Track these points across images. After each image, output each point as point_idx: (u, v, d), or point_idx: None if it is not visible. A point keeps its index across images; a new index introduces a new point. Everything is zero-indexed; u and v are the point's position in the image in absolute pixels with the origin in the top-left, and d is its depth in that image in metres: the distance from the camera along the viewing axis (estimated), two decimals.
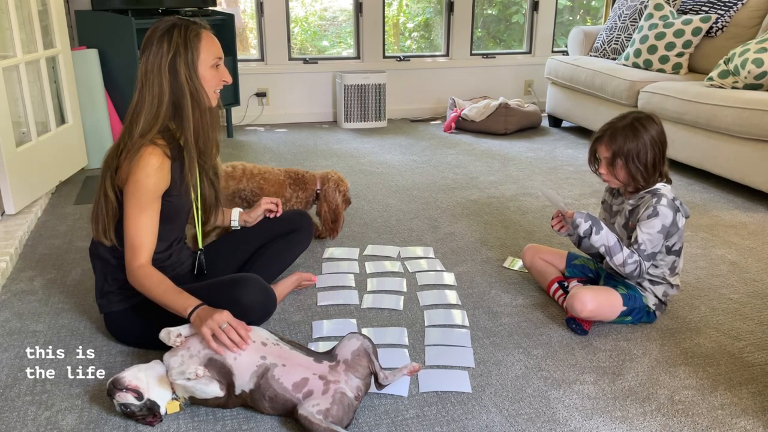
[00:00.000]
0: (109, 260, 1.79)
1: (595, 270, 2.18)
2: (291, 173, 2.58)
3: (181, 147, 1.75)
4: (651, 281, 1.99)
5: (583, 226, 1.91)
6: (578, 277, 2.18)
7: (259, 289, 1.75)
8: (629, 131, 1.89)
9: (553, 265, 2.22)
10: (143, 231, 1.70)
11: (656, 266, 1.98)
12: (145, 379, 1.54)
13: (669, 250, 1.96)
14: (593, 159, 2.01)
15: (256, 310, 1.74)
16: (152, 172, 1.66)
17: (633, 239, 1.92)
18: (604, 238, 1.91)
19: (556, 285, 2.16)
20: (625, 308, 1.95)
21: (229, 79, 1.78)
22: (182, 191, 1.79)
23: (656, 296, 2.00)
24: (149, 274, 1.69)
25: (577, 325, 1.97)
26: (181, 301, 1.63)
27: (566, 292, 2.11)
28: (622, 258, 1.90)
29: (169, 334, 1.59)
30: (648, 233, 1.88)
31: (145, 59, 1.68)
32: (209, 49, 1.72)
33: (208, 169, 1.86)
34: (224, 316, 1.57)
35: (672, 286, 2.01)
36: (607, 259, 1.92)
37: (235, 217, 2.11)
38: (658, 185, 1.94)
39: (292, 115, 5.07)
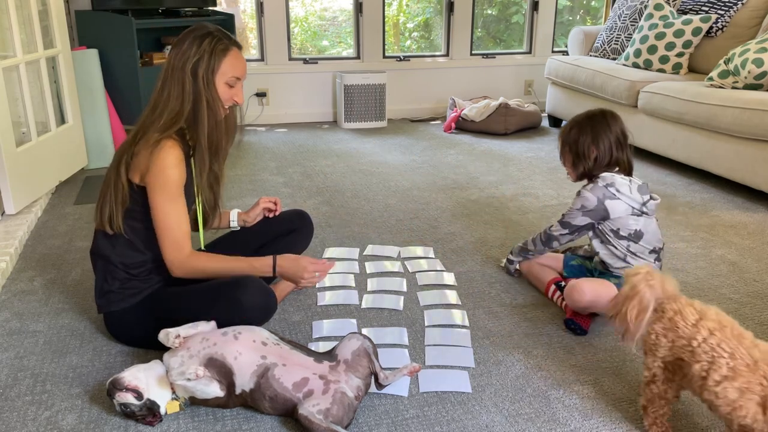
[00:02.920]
0: (110, 258, 1.79)
1: (591, 271, 2.18)
2: None
3: (190, 147, 1.76)
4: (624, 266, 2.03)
5: (515, 261, 2.30)
6: (576, 277, 2.17)
7: (259, 290, 1.75)
8: (576, 125, 2.10)
9: (550, 267, 2.23)
10: (180, 220, 1.72)
11: (615, 247, 2.02)
12: (145, 379, 1.54)
13: (617, 235, 2.01)
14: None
15: (256, 311, 1.73)
16: (177, 163, 1.69)
17: None
18: (530, 244, 2.22)
19: (553, 287, 2.16)
20: None
21: (241, 101, 1.81)
22: (188, 191, 1.80)
23: None
24: (200, 258, 1.75)
25: (576, 325, 1.97)
26: (250, 264, 1.78)
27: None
28: (542, 236, 2.16)
29: (167, 336, 1.59)
30: (570, 207, 2.08)
31: (173, 54, 1.72)
32: (232, 65, 1.74)
33: (210, 174, 1.87)
34: (309, 268, 1.78)
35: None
36: (546, 245, 2.16)
37: (234, 217, 2.11)
38: (605, 174, 2.03)
39: (292, 115, 5.07)
